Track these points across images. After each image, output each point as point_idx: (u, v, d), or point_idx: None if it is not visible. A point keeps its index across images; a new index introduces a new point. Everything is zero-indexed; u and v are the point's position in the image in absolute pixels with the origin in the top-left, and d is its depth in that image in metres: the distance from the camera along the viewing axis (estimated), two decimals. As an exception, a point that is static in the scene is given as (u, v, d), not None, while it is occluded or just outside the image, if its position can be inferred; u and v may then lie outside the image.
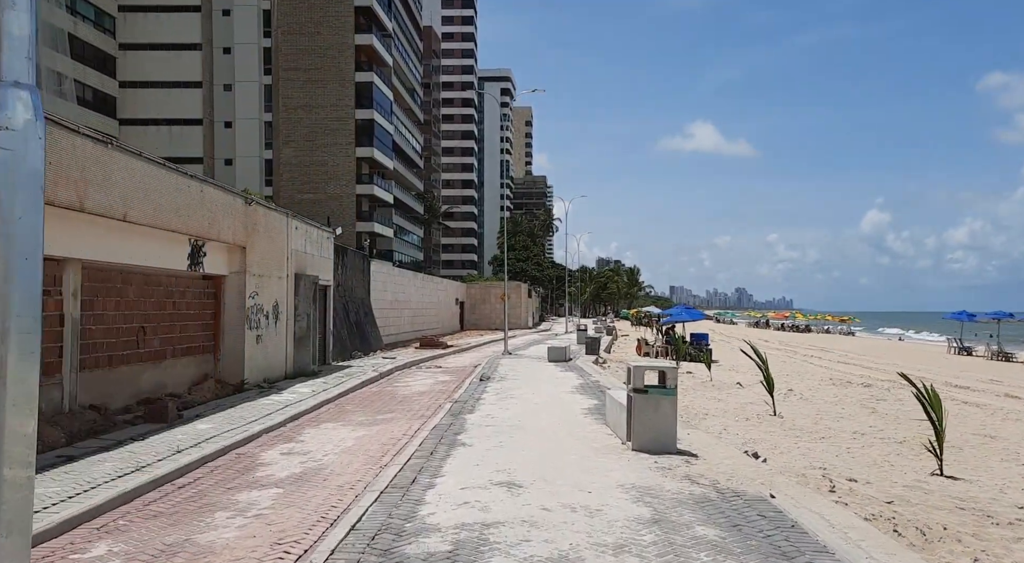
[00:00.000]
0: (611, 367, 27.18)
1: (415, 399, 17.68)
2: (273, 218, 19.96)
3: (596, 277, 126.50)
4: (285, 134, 64.92)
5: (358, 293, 33.43)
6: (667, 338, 35.02)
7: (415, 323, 44.94)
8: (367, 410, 15.96)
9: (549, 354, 26.30)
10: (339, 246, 31.40)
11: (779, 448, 13.50)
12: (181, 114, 64.21)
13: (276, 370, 20.09)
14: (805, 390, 23.31)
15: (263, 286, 19.21)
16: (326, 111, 64.77)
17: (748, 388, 23.26)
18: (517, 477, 8.62)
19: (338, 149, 64.86)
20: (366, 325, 33.43)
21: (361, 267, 34.26)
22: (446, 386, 20.45)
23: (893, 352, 44.61)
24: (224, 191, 16.94)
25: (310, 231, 23.32)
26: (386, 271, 38.72)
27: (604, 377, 21.52)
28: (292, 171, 64.59)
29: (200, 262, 16.40)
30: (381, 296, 37.63)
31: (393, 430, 13.23)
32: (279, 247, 20.37)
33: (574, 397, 16.60)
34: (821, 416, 17.78)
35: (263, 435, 12.76)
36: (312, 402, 16.35)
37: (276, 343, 20.10)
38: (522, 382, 19.95)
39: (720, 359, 34.26)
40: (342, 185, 65.00)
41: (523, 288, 68.43)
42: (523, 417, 13.54)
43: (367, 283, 35.15)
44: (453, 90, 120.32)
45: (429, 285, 49.67)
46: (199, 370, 17.15)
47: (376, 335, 34.82)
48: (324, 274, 24.80)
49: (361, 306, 33.58)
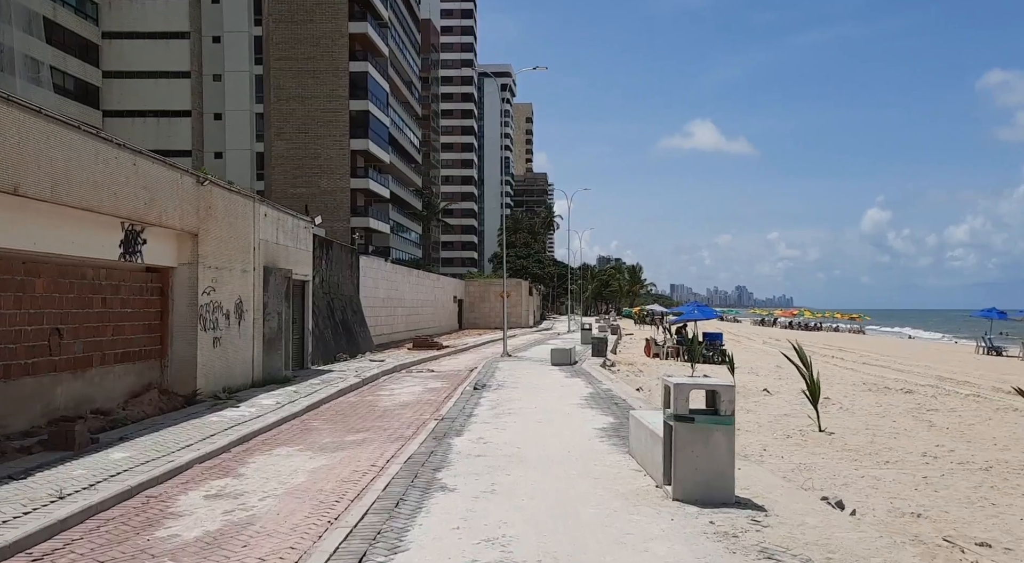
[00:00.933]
0: (620, 371, 24.40)
1: (396, 413, 14.91)
2: (235, 202, 17.18)
3: (598, 275, 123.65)
4: (277, 126, 62.15)
5: (345, 290, 30.68)
6: (679, 338, 32.28)
7: (410, 322, 42.17)
8: (337, 428, 13.19)
9: (552, 357, 23.53)
10: (324, 239, 28.64)
11: (842, 478, 10.74)
12: (169, 105, 61.47)
13: (239, 377, 17.32)
14: (841, 398, 20.51)
15: (222, 280, 16.44)
16: (319, 102, 62.02)
17: (777, 396, 20.50)
18: (515, 553, 5.83)
19: (332, 142, 62.12)
20: (354, 324, 30.66)
21: (349, 262, 31.49)
22: (436, 395, 17.68)
23: (917, 352, 41.79)
24: (168, 167, 14.15)
25: (283, 219, 20.54)
26: (377, 266, 35.97)
27: (615, 384, 18.74)
28: (284, 164, 61.87)
29: (138, 251, 13.63)
30: (372, 293, 34.88)
31: (361, 458, 10.46)
32: (242, 236, 17.59)
33: (584, 412, 13.81)
34: (872, 432, 15.01)
35: (195, 466, 9.99)
36: (273, 417, 13.59)
37: (239, 346, 17.33)
38: (522, 391, 17.16)
39: (735, 360, 31.54)
40: (336, 179, 62.28)
41: (524, 285, 65.68)
42: (523, 442, 10.75)
43: (355, 279, 32.38)
44: (452, 85, 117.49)
45: (425, 282, 46.91)
46: (139, 379, 14.37)
47: (365, 335, 32.05)
48: (301, 268, 22.04)
49: (349, 304, 30.82)
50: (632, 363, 27.86)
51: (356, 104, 61.91)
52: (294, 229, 21.45)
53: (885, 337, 72.45)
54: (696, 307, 33.71)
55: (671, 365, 29.37)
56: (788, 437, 14.30)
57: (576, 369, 22.31)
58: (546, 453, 9.83)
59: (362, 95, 61.99)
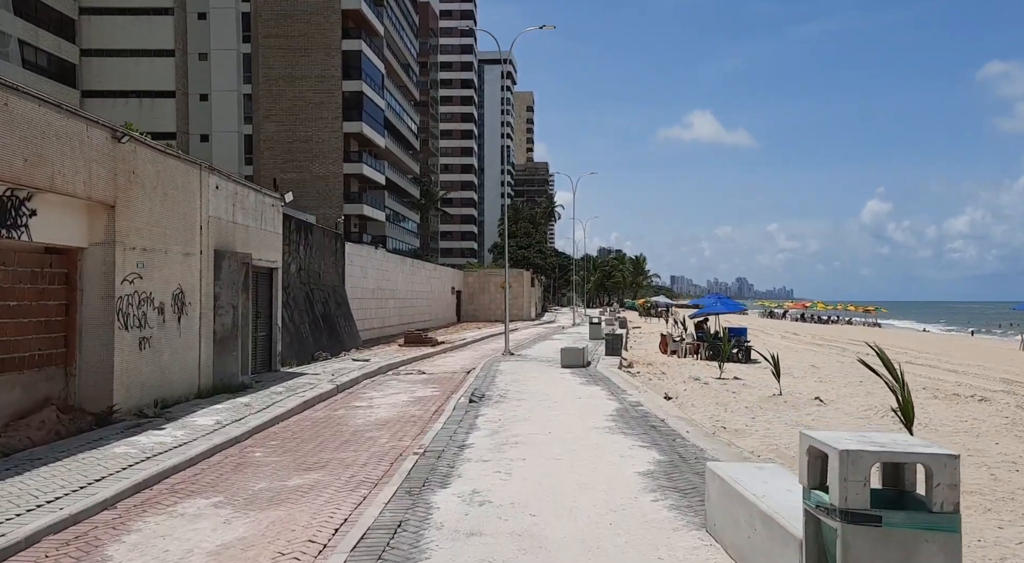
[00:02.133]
0: (641, 374, 20.92)
1: (368, 437, 11.43)
2: (171, 168, 13.65)
3: (600, 266, 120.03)
4: (266, 107, 58.56)
5: (328, 279, 27.19)
6: (699, 334, 28.80)
7: (403, 315, 38.69)
8: (284, 462, 9.72)
9: (563, 358, 20.04)
10: (302, 222, 25.19)
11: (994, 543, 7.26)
12: (152, 85, 57.80)
13: (179, 386, 13.84)
14: (909, 409, 17.00)
15: (153, 266, 12.95)
16: (310, 82, 58.45)
17: (832, 406, 17.03)
18: None
19: (324, 124, 58.56)
20: (338, 318, 27.19)
21: (332, 248, 27.98)
22: (422, 409, 14.21)
23: (954, 348, 38.25)
24: (66, 114, 10.62)
25: (243, 194, 17.02)
26: (366, 254, 32.46)
27: (644, 395, 15.25)
28: (273, 148, 58.33)
29: (20, 225, 10.13)
30: (360, 283, 31.40)
31: (297, 525, 6.99)
32: (184, 211, 14.08)
33: (616, 441, 10.32)
34: (986, 463, 11.53)
35: (43, 540, 6.54)
36: (203, 446, 10.13)
37: (179, 348, 13.85)
38: (530, 406, 13.66)
39: (757, 358, 28.08)
40: (328, 163, 58.75)
41: (525, 276, 62.16)
42: (539, 500, 7.25)
43: (340, 268, 28.88)
44: (452, 71, 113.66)
45: (420, 272, 43.39)
46: (30, 394, 10.89)
47: (351, 330, 28.57)
48: (267, 253, 18.53)
49: (332, 295, 27.34)
50: (650, 363, 24.40)
51: (349, 85, 58.33)
52: (258, 207, 17.92)
53: (902, 331, 68.92)
54: (718, 299, 30.19)
55: (693, 365, 25.89)
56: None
57: (592, 373, 18.83)
58: (576, 528, 6.33)
59: (356, 75, 58.38)
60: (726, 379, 22.55)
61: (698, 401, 17.50)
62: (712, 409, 16.08)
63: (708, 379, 22.03)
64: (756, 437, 13.07)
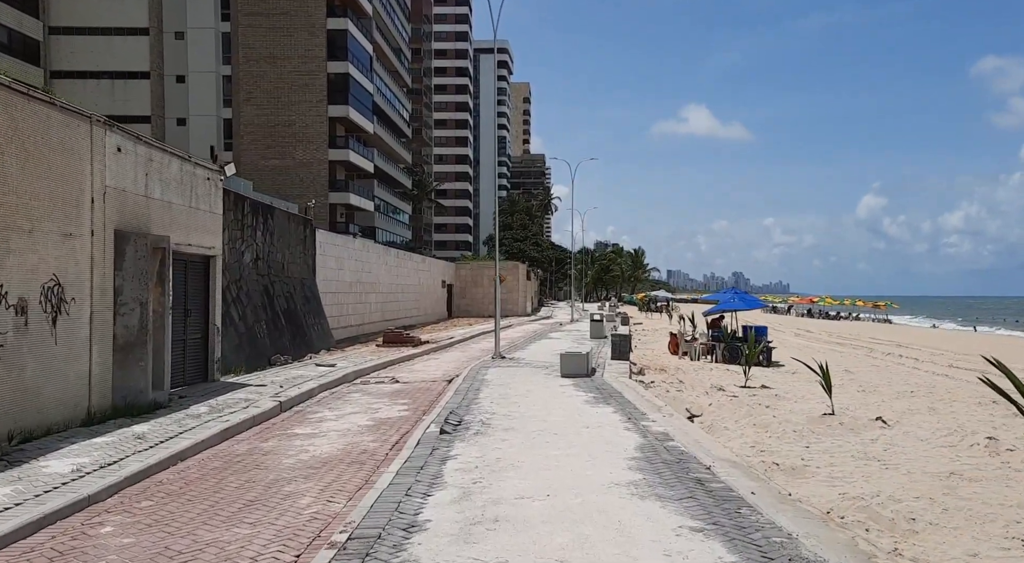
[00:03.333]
0: (656, 384, 17.38)
1: (286, 494, 7.88)
2: (38, 117, 10.06)
3: (598, 259, 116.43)
4: (246, 90, 54.87)
5: (294, 271, 23.63)
6: (715, 333, 25.30)
7: (387, 311, 35.14)
8: (134, 552, 6.17)
9: (563, 366, 16.47)
10: (261, 205, 21.68)
11: None
12: (125, 66, 54.09)
13: (55, 410, 10.28)
14: (992, 430, 13.53)
15: (9, 248, 9.39)
16: (293, 63, 54.78)
17: (898, 428, 13.53)
18: None
19: (307, 108, 54.92)
20: (305, 316, 23.63)
21: (300, 236, 24.42)
22: (379, 438, 10.68)
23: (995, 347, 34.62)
24: None
25: (161, 162, 13.41)
26: (342, 244, 28.88)
27: (671, 422, 11.71)
28: (254, 133, 54.69)
29: None
30: (335, 276, 27.85)
31: None
32: (61, 176, 10.49)
33: (651, 515, 6.73)
34: None
35: None
36: (29, 515, 6.60)
37: (53, 359, 10.29)
38: (521, 443, 10.06)
39: (779, 359, 24.62)
40: (313, 149, 55.12)
41: (520, 269, 58.58)
42: None
43: (310, 258, 25.32)
44: (446, 58, 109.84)
45: (407, 264, 39.81)
46: None
47: (321, 328, 25.02)
48: (201, 237, 14.95)
49: (299, 289, 23.79)
50: (663, 368, 20.87)
51: (335, 66, 54.68)
52: (185, 180, 14.33)
53: (914, 328, 65.49)
54: (735, 295, 26.63)
55: (711, 369, 22.39)
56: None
57: (599, 385, 15.29)
58: None
59: (342, 56, 54.71)
60: (753, 388, 19.11)
61: (730, 421, 14.05)
62: (751, 434, 12.58)
63: (733, 388, 18.59)
64: (821, 480, 9.57)
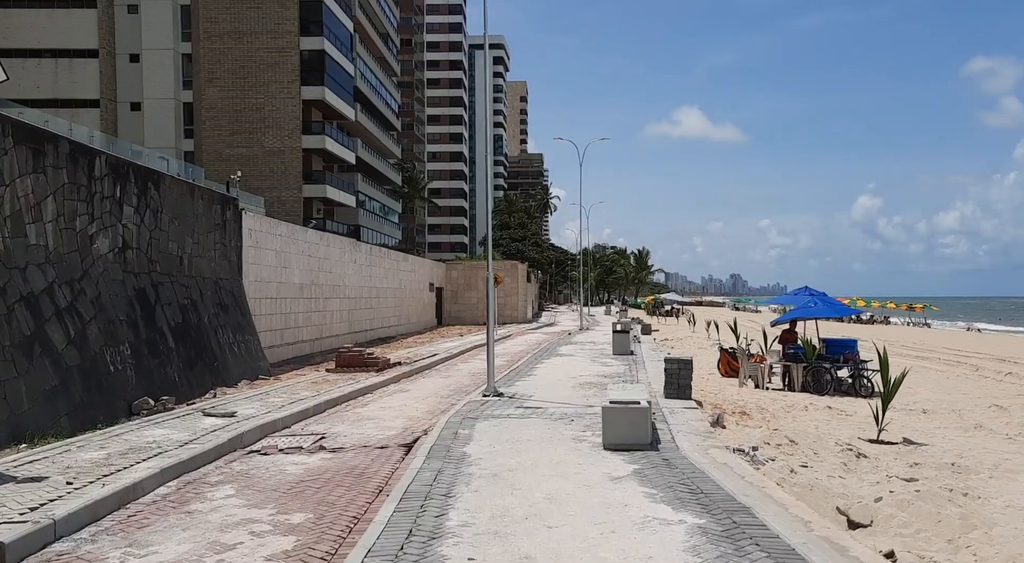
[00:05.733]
0: (760, 445, 10.11)
1: None
2: None
3: (600, 261, 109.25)
4: (208, 69, 47.67)
5: (202, 268, 16.40)
6: (791, 349, 18.10)
7: (355, 320, 27.88)
8: None
9: (608, 429, 9.00)
10: (133, 166, 14.47)
11: None
12: (70, 43, 46.85)
13: None
14: None
15: None
16: (261, 39, 47.61)
17: None
18: None
19: (278, 89, 47.74)
20: (216, 331, 16.40)
21: (215, 219, 17.18)
22: None
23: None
24: None
25: None
26: (286, 234, 21.62)
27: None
28: (218, 117, 47.49)
29: None
30: (275, 276, 20.65)
31: None
32: None
33: None
34: None
35: None
36: None
37: None
38: None
39: (888, 391, 17.39)
40: (284, 136, 47.92)
41: (520, 269, 51.28)
42: None
43: (232, 251, 18.08)
44: (439, 51, 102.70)
45: (383, 263, 32.56)
46: None
47: (247, 349, 17.76)
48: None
49: (209, 294, 16.56)
50: (742, 410, 13.59)
51: (309, 42, 47.54)
52: None
53: (955, 331, 58.36)
54: (813, 296, 19.30)
55: (805, 407, 15.16)
56: None
57: (682, 472, 8.07)
58: None
59: (316, 31, 47.55)
60: (894, 445, 11.99)
61: (937, 541, 7.06)
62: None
63: (865, 446, 11.45)
64: None
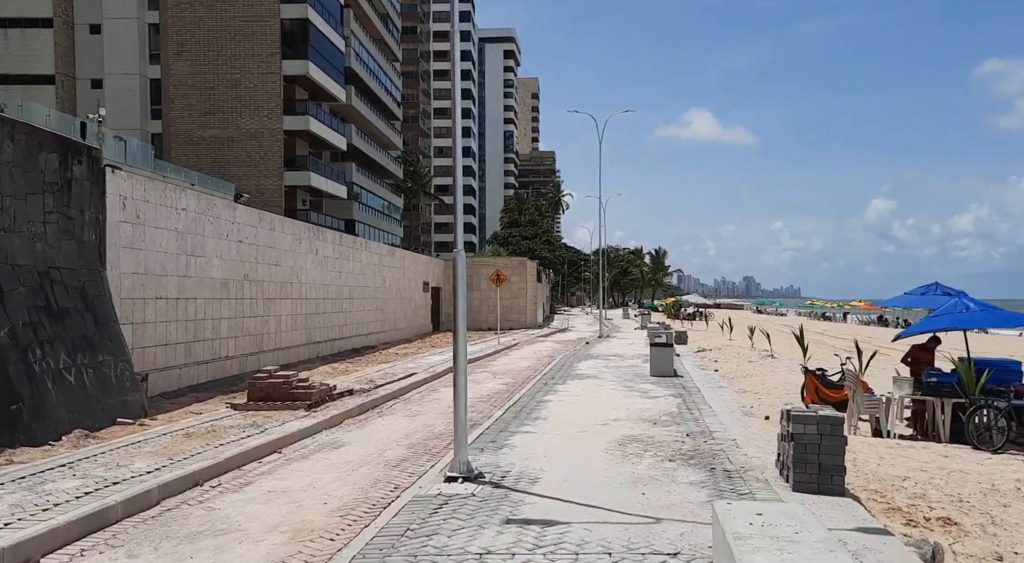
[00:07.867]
0: None
1: None
2: None
3: (615, 261, 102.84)
4: (177, 41, 41.61)
5: (15, 250, 10.08)
6: (932, 376, 11.72)
7: (316, 328, 21.55)
8: None
9: None
10: None
11: None
12: (21, 11, 40.90)
13: None
14: None
15: None
16: (237, 7, 41.56)
17: None
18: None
19: (256, 63, 41.62)
20: (25, 353, 10.05)
21: (51, 177, 10.85)
22: None
23: None
24: None
25: None
26: (194, 208, 15.23)
27: None
28: (188, 95, 41.44)
29: None
30: (175, 266, 14.36)
31: None
32: None
33: None
34: None
35: None
36: None
37: None
38: None
39: None
40: (263, 116, 41.76)
41: (529, 267, 44.76)
42: None
43: (87, 227, 11.77)
44: (447, 41, 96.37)
45: (358, 256, 26.17)
46: None
47: (104, 376, 11.41)
48: None
49: (29, 290, 10.25)
50: (935, 509, 7.23)
51: (290, 9, 41.47)
52: None
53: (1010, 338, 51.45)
54: (952, 297, 12.86)
55: (1000, 494, 8.59)
56: None
57: None
58: None
59: (299, -3, 41.50)
60: None
61: None
62: None
63: None
64: None
